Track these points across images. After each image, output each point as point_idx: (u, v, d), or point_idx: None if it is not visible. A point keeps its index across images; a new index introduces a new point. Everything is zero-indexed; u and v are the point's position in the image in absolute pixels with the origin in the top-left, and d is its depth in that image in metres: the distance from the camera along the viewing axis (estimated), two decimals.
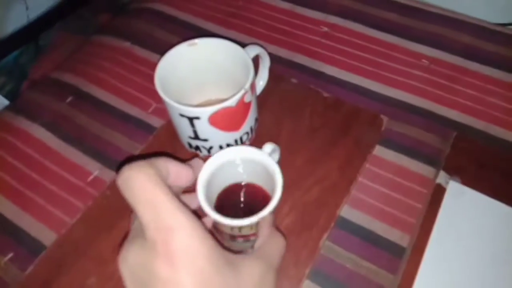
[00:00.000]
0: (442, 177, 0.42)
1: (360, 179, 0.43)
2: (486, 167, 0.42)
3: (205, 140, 0.38)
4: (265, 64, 0.44)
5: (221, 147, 0.39)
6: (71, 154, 0.46)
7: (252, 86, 0.36)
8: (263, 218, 0.29)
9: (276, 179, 0.30)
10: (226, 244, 0.33)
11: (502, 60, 0.51)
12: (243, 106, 0.36)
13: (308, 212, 0.40)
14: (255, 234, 0.31)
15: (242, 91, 0.34)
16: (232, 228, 0.30)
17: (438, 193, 0.41)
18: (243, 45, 0.40)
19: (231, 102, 0.34)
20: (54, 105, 0.51)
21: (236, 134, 0.38)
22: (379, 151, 0.44)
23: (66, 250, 0.39)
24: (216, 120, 0.35)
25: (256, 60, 0.42)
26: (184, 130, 0.37)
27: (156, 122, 0.49)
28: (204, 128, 0.36)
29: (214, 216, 0.29)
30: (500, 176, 0.42)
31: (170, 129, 0.47)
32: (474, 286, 0.36)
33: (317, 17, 0.58)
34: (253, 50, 0.39)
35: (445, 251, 0.38)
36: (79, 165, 0.46)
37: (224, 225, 0.30)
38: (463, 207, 0.40)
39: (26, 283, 0.37)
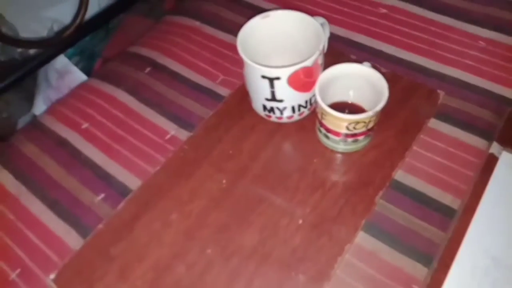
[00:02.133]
0: (495, 148, 0.44)
1: (415, 148, 0.46)
2: None
3: (281, 100, 0.42)
4: (326, 32, 0.48)
5: (293, 108, 0.44)
6: (151, 116, 0.53)
7: (322, 50, 0.41)
8: (377, 113, 0.39)
9: (381, 84, 0.40)
10: (335, 146, 0.44)
11: None
12: (316, 67, 0.40)
13: (365, 171, 0.44)
14: (365, 133, 0.41)
15: (318, 52, 0.39)
16: (349, 123, 0.39)
17: (490, 162, 0.43)
18: None
19: (309, 62, 0.39)
20: (135, 74, 0.58)
21: (308, 95, 0.43)
22: (435, 124, 0.47)
23: (151, 192, 0.45)
24: (294, 80, 0.40)
25: None
26: (262, 92, 0.42)
27: (223, 91, 0.54)
28: (282, 88, 0.40)
29: (335, 112, 0.39)
30: None
31: (237, 98, 0.52)
32: None
33: (375, 0, 0.61)
34: (318, 19, 0.43)
35: (495, 214, 0.40)
36: (158, 125, 0.52)
37: (341, 123, 0.39)
38: None
39: (118, 217, 0.43)
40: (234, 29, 0.45)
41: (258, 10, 0.63)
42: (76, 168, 0.49)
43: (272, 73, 0.39)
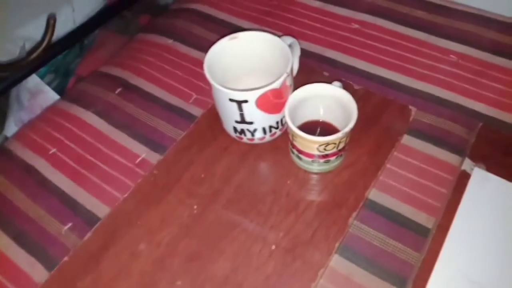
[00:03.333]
0: (467, 164, 0.44)
1: (388, 165, 0.45)
2: (510, 155, 0.44)
3: (251, 123, 0.42)
4: (296, 52, 0.47)
5: (264, 130, 0.43)
6: (121, 139, 0.51)
7: (291, 71, 0.40)
8: (347, 134, 0.39)
9: (351, 105, 0.40)
10: (308, 167, 0.43)
11: None
12: (285, 89, 0.40)
13: (338, 192, 0.43)
14: (336, 154, 0.41)
15: (285, 74, 0.38)
16: (319, 145, 0.39)
17: (463, 179, 0.43)
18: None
19: (277, 84, 0.38)
20: (105, 95, 0.57)
21: (278, 116, 0.43)
22: (407, 140, 0.47)
23: (119, 220, 0.43)
24: (262, 102, 0.39)
25: None
26: (231, 114, 0.41)
27: (196, 111, 0.53)
28: (251, 110, 0.40)
29: (304, 135, 0.38)
30: None
31: (209, 118, 0.51)
32: (496, 264, 0.38)
33: (348, 15, 0.61)
34: (287, 40, 0.43)
35: (469, 231, 0.40)
36: (128, 149, 0.50)
37: (312, 144, 0.39)
38: (487, 193, 0.42)
39: (84, 248, 0.42)
40: (207, 47, 0.44)
41: (231, 27, 0.63)
42: (43, 197, 0.47)
43: (239, 96, 0.39)
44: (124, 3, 0.85)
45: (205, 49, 0.44)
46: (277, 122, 0.44)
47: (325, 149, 0.40)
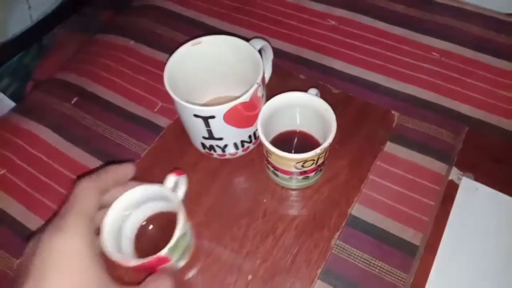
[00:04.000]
0: (454, 174, 0.41)
1: (371, 177, 0.42)
2: (498, 163, 0.42)
3: (220, 139, 0.37)
4: (269, 56, 0.43)
5: (235, 145, 0.39)
6: (77, 155, 0.46)
7: (263, 80, 0.36)
8: (326, 149, 0.35)
9: (329, 116, 0.36)
10: (285, 183, 0.40)
11: None
12: (256, 101, 0.36)
13: (319, 210, 0.39)
14: (315, 169, 0.37)
15: (256, 85, 0.34)
16: (297, 162, 0.35)
17: (450, 189, 0.40)
18: (247, 40, 0.39)
19: (246, 97, 0.34)
20: (60, 107, 0.51)
21: (251, 130, 0.38)
22: (391, 147, 0.44)
23: None
24: (231, 117, 0.35)
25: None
26: (198, 130, 0.37)
27: (162, 121, 0.48)
28: (219, 126, 0.35)
29: (279, 152, 0.34)
30: None
31: (177, 129, 0.46)
32: (488, 284, 0.35)
33: (324, 10, 0.56)
34: (257, 44, 0.39)
35: (459, 248, 0.37)
36: (86, 167, 0.45)
37: (288, 162, 0.35)
38: (477, 204, 0.39)
39: None
40: (173, 48, 0.39)
41: (199, 26, 0.58)
42: None
43: (205, 112, 0.34)
44: None
45: (170, 50, 0.39)
46: (250, 136, 0.39)
47: (302, 166, 0.36)
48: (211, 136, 0.37)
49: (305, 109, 0.38)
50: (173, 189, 0.33)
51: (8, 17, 0.81)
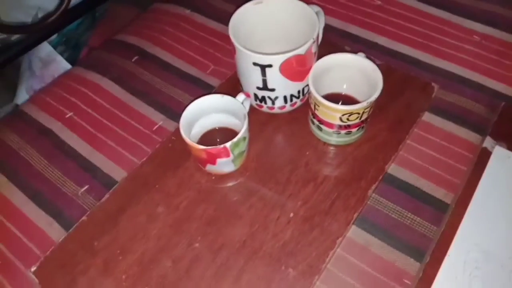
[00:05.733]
0: (488, 142, 0.43)
1: (408, 141, 0.45)
2: None
3: (273, 90, 0.41)
4: (321, 22, 0.46)
5: (285, 98, 0.42)
6: (137, 105, 0.51)
7: (317, 38, 0.39)
8: (371, 104, 0.38)
9: (376, 75, 0.39)
10: (328, 138, 0.43)
11: None
12: (309, 56, 0.39)
13: (357, 165, 0.43)
14: (359, 125, 0.40)
15: (311, 40, 0.37)
16: (343, 114, 0.38)
17: (483, 157, 0.43)
18: None
19: (302, 50, 0.37)
20: (122, 63, 0.56)
21: (300, 85, 0.42)
22: (428, 117, 0.46)
23: (137, 184, 0.43)
24: (286, 68, 0.38)
25: None
26: (253, 80, 0.41)
27: (213, 81, 0.52)
28: (274, 76, 0.39)
29: (328, 103, 0.38)
30: None
31: (227, 88, 0.50)
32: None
33: None
34: (313, 8, 0.42)
35: (488, 208, 0.39)
36: (145, 115, 0.50)
37: (335, 114, 0.38)
38: (508, 170, 0.41)
39: (102, 209, 0.42)
40: (225, 18, 0.43)
41: None
42: (59, 159, 0.47)
43: (264, 60, 0.38)
44: None
45: (223, 20, 0.43)
46: (299, 91, 0.43)
47: (348, 119, 0.39)
48: (265, 86, 0.41)
49: (353, 70, 0.42)
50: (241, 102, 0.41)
51: None
